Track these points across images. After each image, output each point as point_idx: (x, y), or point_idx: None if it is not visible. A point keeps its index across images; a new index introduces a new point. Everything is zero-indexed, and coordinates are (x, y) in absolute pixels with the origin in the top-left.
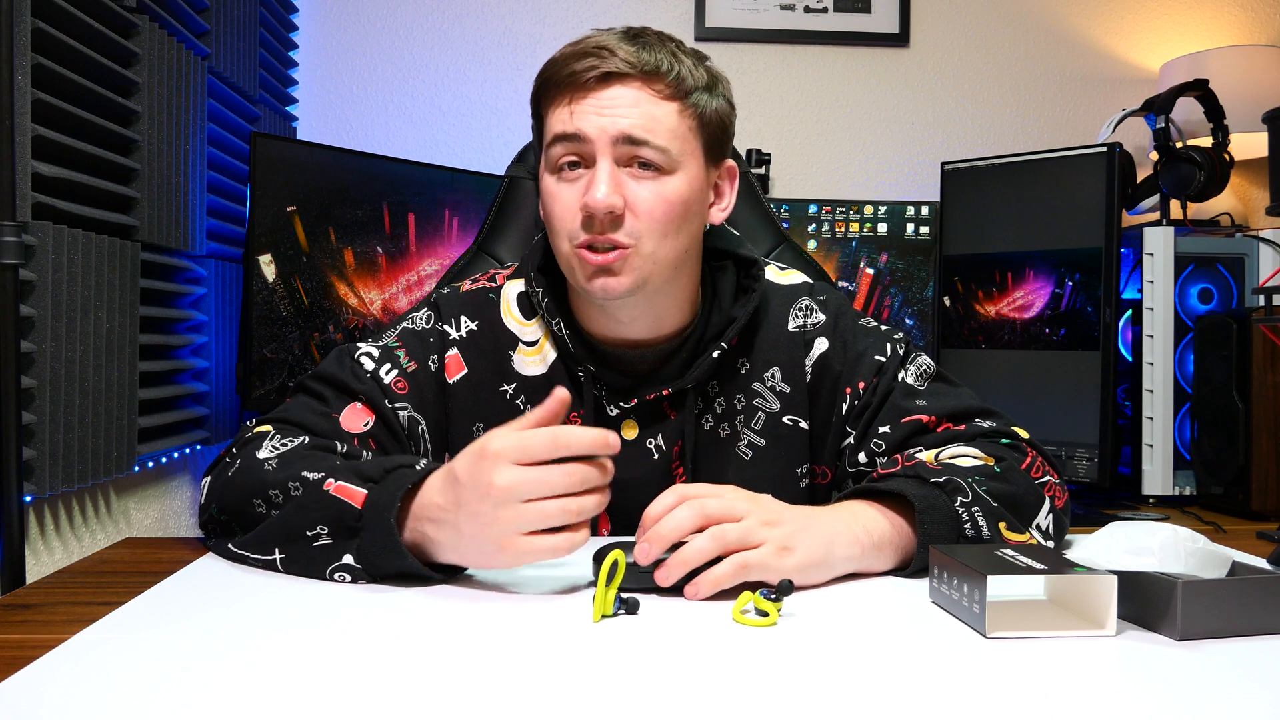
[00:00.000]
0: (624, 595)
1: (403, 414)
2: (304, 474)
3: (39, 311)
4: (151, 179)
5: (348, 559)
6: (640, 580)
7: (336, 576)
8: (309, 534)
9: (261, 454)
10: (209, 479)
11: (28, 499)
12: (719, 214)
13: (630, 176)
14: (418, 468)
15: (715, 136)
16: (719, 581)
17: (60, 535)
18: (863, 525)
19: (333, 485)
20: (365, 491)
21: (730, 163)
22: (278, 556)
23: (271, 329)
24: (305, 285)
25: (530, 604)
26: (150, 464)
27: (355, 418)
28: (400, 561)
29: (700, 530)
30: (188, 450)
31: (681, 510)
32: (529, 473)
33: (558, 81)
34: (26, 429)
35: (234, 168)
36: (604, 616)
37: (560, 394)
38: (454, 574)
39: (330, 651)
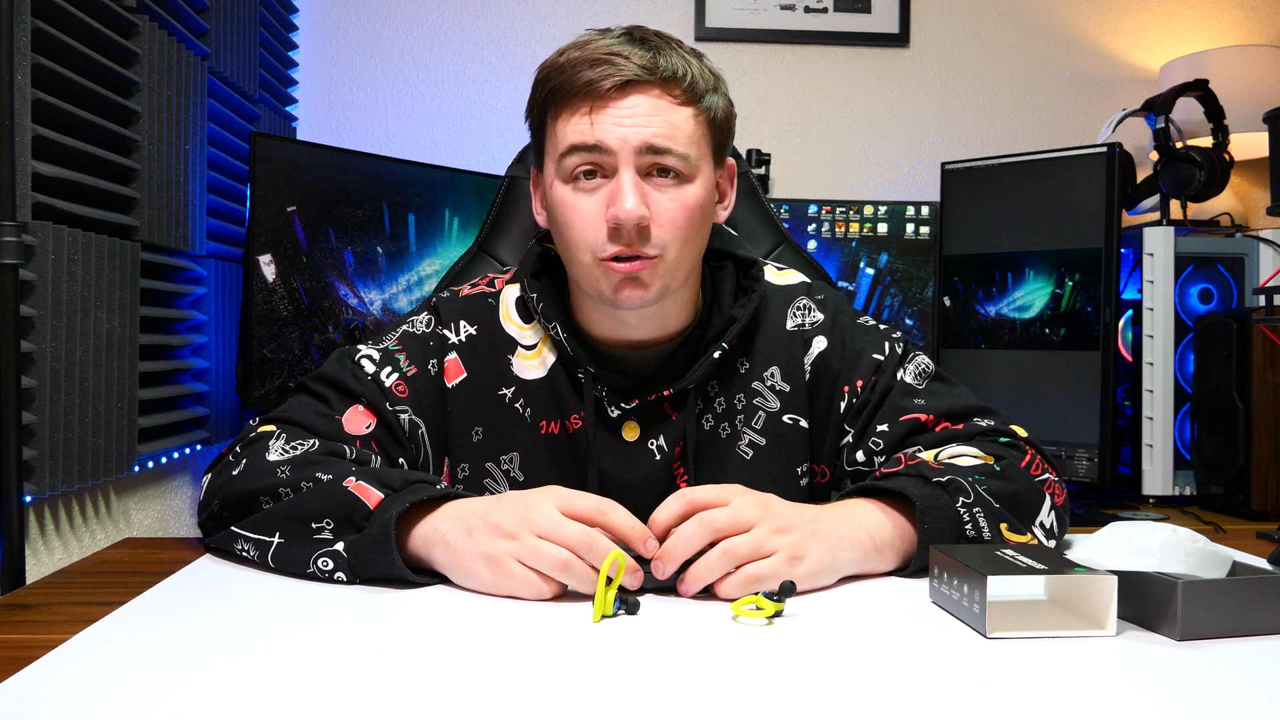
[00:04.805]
0: (624, 595)
1: (403, 417)
2: (318, 475)
3: (39, 311)
4: (151, 179)
5: (338, 546)
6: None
7: (320, 563)
8: (314, 525)
9: (272, 456)
10: (210, 477)
11: (28, 499)
12: (722, 213)
13: (651, 185)
14: (438, 487)
15: (722, 137)
16: (729, 592)
17: (60, 535)
18: (866, 528)
19: (353, 483)
20: (382, 495)
21: (731, 161)
22: (276, 539)
23: (271, 329)
24: (305, 285)
25: (530, 604)
26: (150, 464)
27: (357, 420)
28: (386, 561)
29: (712, 544)
30: (188, 450)
31: (690, 527)
32: (560, 516)
33: (572, 90)
34: (26, 429)
35: (234, 168)
36: (604, 616)
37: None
38: (434, 578)
39: (330, 651)
